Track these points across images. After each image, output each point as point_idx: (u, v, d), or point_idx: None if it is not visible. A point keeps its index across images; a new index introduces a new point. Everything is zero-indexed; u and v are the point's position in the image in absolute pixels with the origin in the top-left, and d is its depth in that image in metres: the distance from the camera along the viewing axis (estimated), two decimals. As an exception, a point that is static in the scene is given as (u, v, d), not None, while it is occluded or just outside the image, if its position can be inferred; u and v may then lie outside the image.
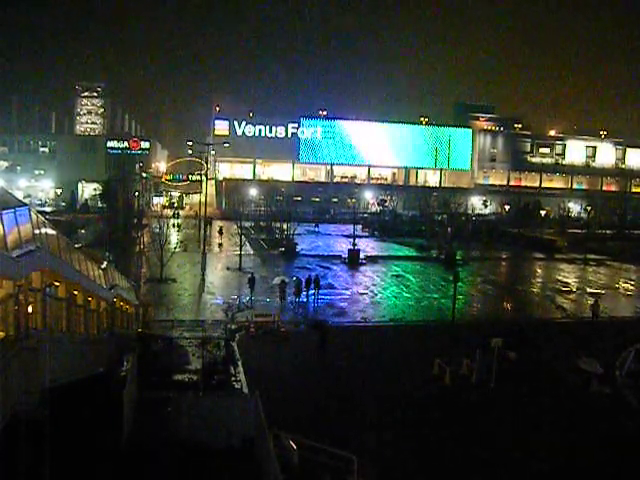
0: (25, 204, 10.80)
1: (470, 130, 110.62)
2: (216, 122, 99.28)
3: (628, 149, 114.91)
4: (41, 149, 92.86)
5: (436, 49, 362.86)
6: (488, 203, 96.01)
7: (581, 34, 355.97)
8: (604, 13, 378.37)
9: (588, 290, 42.31)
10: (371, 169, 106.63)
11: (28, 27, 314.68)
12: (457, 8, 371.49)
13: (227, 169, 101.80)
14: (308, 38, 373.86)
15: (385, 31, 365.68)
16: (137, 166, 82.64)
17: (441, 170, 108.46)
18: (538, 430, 18.29)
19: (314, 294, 34.03)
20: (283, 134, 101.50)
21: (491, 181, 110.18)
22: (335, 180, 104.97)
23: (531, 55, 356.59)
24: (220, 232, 56.93)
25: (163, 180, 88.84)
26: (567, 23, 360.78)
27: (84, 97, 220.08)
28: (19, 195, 58.10)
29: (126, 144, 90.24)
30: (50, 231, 11.87)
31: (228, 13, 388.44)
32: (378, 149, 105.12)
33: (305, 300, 33.56)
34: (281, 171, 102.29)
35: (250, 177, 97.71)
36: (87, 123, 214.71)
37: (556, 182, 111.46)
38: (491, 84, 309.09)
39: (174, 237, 53.59)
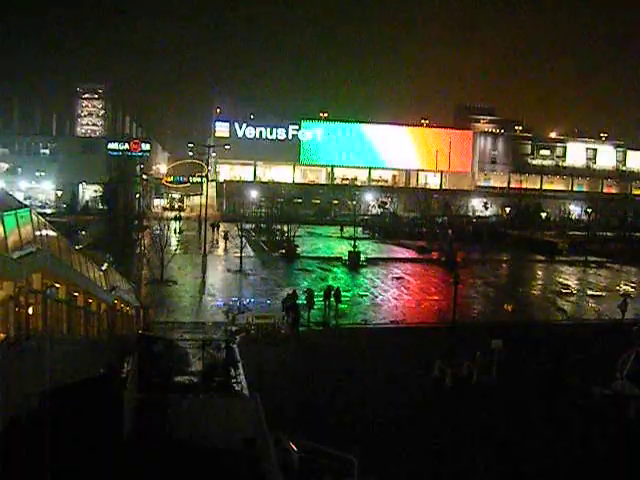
0: (26, 206, 10.81)
1: (471, 132, 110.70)
2: (217, 124, 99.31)
3: (629, 151, 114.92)
4: (42, 151, 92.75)
5: (437, 51, 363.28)
6: (489, 205, 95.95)
7: (582, 36, 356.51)
8: (605, 15, 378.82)
9: (588, 292, 42.39)
10: (372, 171, 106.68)
11: (29, 29, 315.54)
12: (458, 9, 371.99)
13: (228, 171, 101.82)
14: (309, 40, 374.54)
15: (386, 33, 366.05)
16: (138, 168, 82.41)
17: (441, 172, 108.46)
18: (538, 431, 18.28)
19: (335, 307, 31.91)
20: (284, 136, 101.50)
21: (492, 183, 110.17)
22: (336, 182, 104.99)
23: (532, 57, 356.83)
24: (225, 237, 55.70)
25: (164, 182, 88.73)
26: (568, 25, 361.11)
27: (85, 99, 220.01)
28: (20, 197, 58.19)
29: (127, 146, 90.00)
30: (51, 233, 11.87)
31: (229, 15, 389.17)
32: (379, 151, 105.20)
33: (324, 312, 31.53)
34: (282, 173, 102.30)
35: (251, 179, 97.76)
36: (88, 125, 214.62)
37: (557, 184, 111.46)
38: (492, 86, 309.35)
39: (175, 239, 53.51)
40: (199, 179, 78.65)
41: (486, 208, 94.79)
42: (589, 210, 76.41)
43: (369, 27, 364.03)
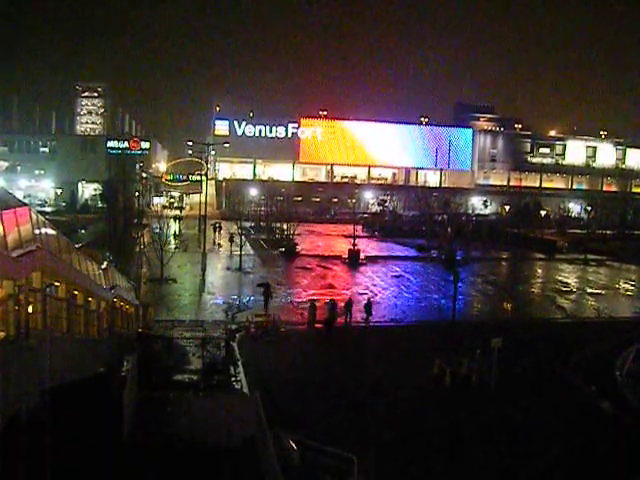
0: (25, 204, 10.78)
1: (470, 130, 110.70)
2: (216, 122, 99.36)
3: (628, 149, 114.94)
4: (41, 149, 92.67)
5: (437, 49, 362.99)
6: (488, 203, 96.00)
7: (581, 34, 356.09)
8: (605, 13, 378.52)
9: (588, 290, 42.39)
10: (371, 169, 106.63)
11: (29, 27, 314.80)
12: (458, 8, 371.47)
13: (227, 169, 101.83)
14: (309, 38, 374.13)
15: (385, 31, 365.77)
16: (137, 166, 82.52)
17: (441, 170, 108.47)
18: (538, 431, 18.27)
19: (365, 319, 29.55)
20: (283, 134, 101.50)
21: (491, 181, 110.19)
22: (335, 180, 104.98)
23: (531, 55, 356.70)
24: (231, 240, 51.19)
25: (163, 180, 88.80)
26: (568, 23, 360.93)
27: (84, 97, 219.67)
28: (19, 195, 58.05)
29: (126, 144, 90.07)
30: (50, 231, 11.85)
31: (229, 13, 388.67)
32: (378, 149, 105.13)
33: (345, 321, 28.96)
34: (281, 171, 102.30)
35: (250, 177, 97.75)
36: (87, 123, 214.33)
37: (556, 182, 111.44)
38: (491, 84, 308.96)
39: (175, 241, 53.29)
40: (198, 177, 78.69)
41: (486, 206, 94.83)
42: (589, 208, 76.38)
43: (369, 26, 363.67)
